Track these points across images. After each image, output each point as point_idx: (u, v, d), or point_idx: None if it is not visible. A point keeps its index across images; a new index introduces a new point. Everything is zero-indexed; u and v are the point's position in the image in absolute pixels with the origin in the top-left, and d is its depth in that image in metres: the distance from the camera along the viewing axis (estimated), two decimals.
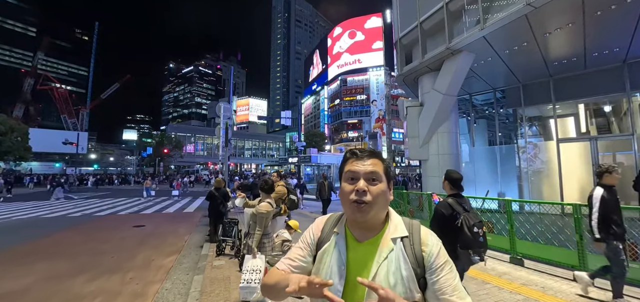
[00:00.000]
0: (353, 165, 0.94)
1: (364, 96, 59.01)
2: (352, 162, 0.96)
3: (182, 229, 9.12)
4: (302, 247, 1.03)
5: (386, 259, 0.88)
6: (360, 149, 0.99)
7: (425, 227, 0.96)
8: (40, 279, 4.87)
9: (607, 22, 6.08)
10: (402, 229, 0.93)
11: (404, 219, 0.98)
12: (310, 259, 1.01)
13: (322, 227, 1.04)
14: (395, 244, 0.90)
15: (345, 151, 1.02)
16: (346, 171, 0.95)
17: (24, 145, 32.83)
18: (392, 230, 0.93)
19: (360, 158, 0.95)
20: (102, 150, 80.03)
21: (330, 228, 1.02)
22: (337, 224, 1.01)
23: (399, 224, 0.95)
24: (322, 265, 0.95)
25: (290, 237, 3.88)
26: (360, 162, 0.94)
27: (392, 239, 0.91)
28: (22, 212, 13.03)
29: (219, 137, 10.48)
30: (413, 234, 0.93)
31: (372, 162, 0.94)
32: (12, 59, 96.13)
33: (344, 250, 0.93)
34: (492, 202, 6.47)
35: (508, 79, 9.60)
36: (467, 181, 10.92)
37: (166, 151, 46.57)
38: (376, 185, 0.91)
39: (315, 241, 1.02)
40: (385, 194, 0.92)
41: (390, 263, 0.87)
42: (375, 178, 0.91)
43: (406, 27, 9.49)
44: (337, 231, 0.98)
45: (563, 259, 4.42)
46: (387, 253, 0.89)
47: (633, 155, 7.74)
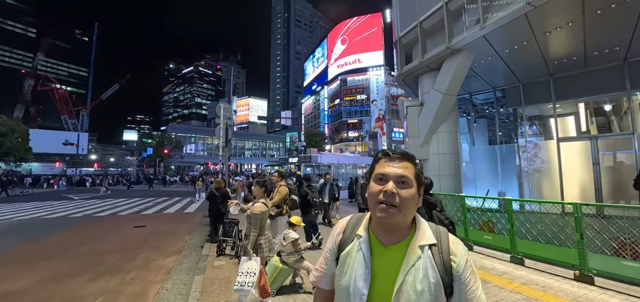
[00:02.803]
0: (384, 166, 0.92)
1: (364, 96, 59.01)
2: (383, 163, 0.94)
3: (183, 229, 9.12)
4: (325, 255, 1.05)
5: (413, 267, 0.86)
6: (392, 150, 0.97)
7: (452, 236, 0.95)
8: (40, 280, 4.87)
9: (607, 21, 6.07)
10: (430, 237, 0.91)
11: (430, 225, 0.96)
12: (333, 263, 1.01)
13: (343, 228, 1.03)
14: (423, 251, 0.88)
15: (378, 150, 1.02)
16: (377, 171, 0.93)
17: (25, 146, 32.83)
18: (420, 237, 0.91)
19: (392, 159, 0.93)
20: (103, 150, 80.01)
21: (352, 229, 1.00)
22: (359, 225, 0.99)
23: (427, 230, 0.93)
24: (346, 268, 0.94)
25: (297, 235, 3.88)
26: (392, 163, 0.92)
27: (420, 246, 0.89)
28: (23, 212, 13.05)
29: (219, 137, 10.47)
30: (441, 243, 0.91)
31: (404, 166, 0.91)
32: (12, 60, 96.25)
33: (368, 254, 0.91)
34: (492, 202, 6.47)
35: (508, 78, 9.60)
36: (468, 181, 10.98)
37: (166, 151, 46.60)
38: (405, 189, 0.88)
39: (337, 243, 1.02)
40: (414, 199, 0.89)
41: (418, 271, 0.86)
42: (405, 182, 0.89)
43: (406, 27, 9.48)
44: (361, 233, 0.96)
45: (563, 258, 4.42)
46: (415, 260, 0.87)
47: (633, 154, 7.73)
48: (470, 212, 6.18)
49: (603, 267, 3.98)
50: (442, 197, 6.85)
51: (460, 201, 6.18)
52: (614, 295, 3.57)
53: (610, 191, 8.08)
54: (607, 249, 4.10)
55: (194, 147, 57.62)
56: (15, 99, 76.30)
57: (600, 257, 4.08)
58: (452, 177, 8.73)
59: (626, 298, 3.48)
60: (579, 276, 4.06)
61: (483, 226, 5.92)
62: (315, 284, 1.07)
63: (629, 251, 3.85)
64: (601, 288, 3.77)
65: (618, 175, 8.11)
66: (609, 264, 3.96)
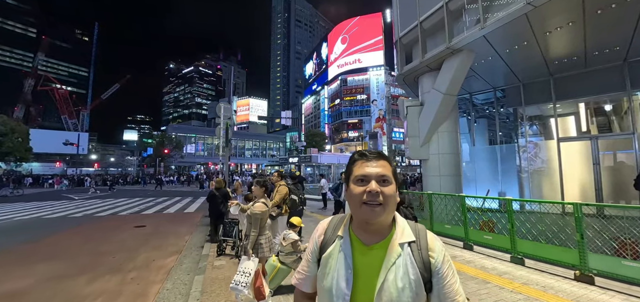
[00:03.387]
0: (363, 167, 0.93)
1: (364, 96, 59.00)
2: (361, 163, 0.94)
3: (183, 229, 9.12)
4: (306, 258, 1.05)
5: (394, 264, 0.88)
6: (368, 150, 0.99)
7: (430, 232, 0.97)
8: (41, 280, 4.88)
9: (607, 21, 6.07)
10: (409, 234, 0.93)
11: (409, 222, 0.98)
12: (314, 266, 1.01)
13: (325, 230, 1.03)
14: (403, 249, 0.90)
15: (353, 153, 1.02)
16: (356, 173, 0.93)
17: (25, 146, 32.88)
18: (399, 235, 0.93)
19: (369, 160, 0.94)
20: (103, 150, 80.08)
21: (333, 231, 1.01)
22: (340, 226, 1.00)
23: (406, 228, 0.95)
24: (328, 269, 0.94)
25: (297, 236, 3.88)
26: (370, 164, 0.93)
27: (399, 244, 0.91)
28: (24, 212, 13.06)
29: (219, 137, 10.47)
30: (420, 239, 0.93)
31: (382, 164, 0.93)
32: (12, 60, 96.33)
33: (350, 254, 0.92)
34: (492, 202, 6.47)
35: (508, 78, 9.60)
36: (468, 180, 10.98)
37: (166, 151, 46.62)
38: (387, 186, 0.90)
39: (318, 245, 1.02)
40: (394, 196, 0.91)
41: (399, 268, 0.88)
42: (386, 180, 0.90)
43: (406, 27, 9.48)
44: (341, 234, 0.97)
45: (564, 258, 4.42)
46: (395, 258, 0.89)
47: (634, 154, 7.72)
48: (470, 212, 6.18)
49: (603, 267, 3.98)
50: (442, 197, 6.88)
51: (461, 201, 6.18)
52: (615, 295, 3.57)
53: (610, 190, 8.07)
54: (608, 249, 4.10)
55: (194, 147, 57.61)
56: (15, 99, 76.37)
57: (601, 257, 4.07)
58: (453, 177, 8.72)
59: (626, 298, 3.48)
60: (579, 276, 4.05)
61: (483, 226, 5.92)
62: (298, 287, 1.06)
63: (629, 251, 3.85)
64: (601, 288, 3.76)
65: (618, 175, 8.11)
66: (609, 264, 3.96)
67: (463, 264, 4.90)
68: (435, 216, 6.82)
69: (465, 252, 5.55)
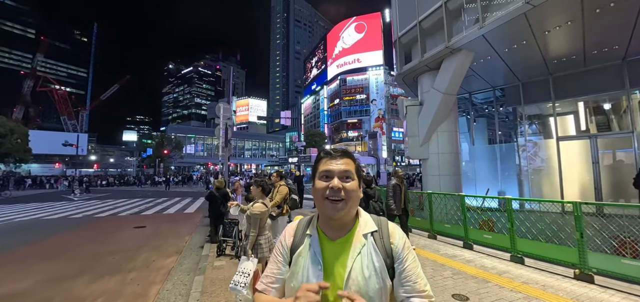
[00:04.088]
0: (327, 164, 0.98)
1: (364, 96, 58.95)
2: (326, 161, 1.00)
3: (183, 229, 9.12)
4: (276, 261, 1.03)
5: (360, 254, 0.93)
6: (333, 148, 1.05)
7: (392, 223, 1.03)
8: (41, 281, 4.87)
9: (606, 20, 6.07)
10: (372, 225, 1.00)
11: (372, 215, 1.04)
12: (285, 268, 1.01)
13: (293, 232, 1.06)
14: (366, 239, 0.96)
15: (320, 150, 1.09)
16: (321, 169, 0.99)
17: (24, 147, 32.81)
18: (362, 226, 0.99)
19: (333, 157, 1.00)
20: (102, 151, 79.96)
21: (302, 232, 1.04)
22: (308, 226, 1.03)
23: (368, 220, 1.01)
24: (298, 267, 0.96)
25: None
26: (334, 161, 0.98)
27: (363, 235, 0.96)
28: (24, 213, 13.04)
29: (219, 137, 10.46)
30: (382, 229, 1.00)
31: (345, 162, 0.98)
32: (11, 60, 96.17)
33: (318, 250, 0.96)
34: (492, 201, 6.47)
35: (507, 77, 9.60)
36: (468, 180, 10.99)
37: (166, 151, 46.57)
38: (349, 182, 0.95)
39: (288, 247, 1.03)
40: (357, 191, 0.97)
41: (364, 257, 0.93)
42: (349, 176, 0.96)
43: (405, 26, 9.48)
44: (310, 232, 1.01)
45: (563, 257, 4.42)
46: (360, 248, 0.94)
47: (633, 153, 7.73)
48: (470, 211, 6.19)
49: (603, 265, 3.99)
50: (442, 197, 6.88)
51: (460, 200, 6.19)
52: (614, 293, 3.57)
53: (609, 189, 8.09)
54: (607, 248, 4.10)
55: (194, 148, 57.57)
56: (14, 100, 76.24)
57: (600, 256, 4.08)
58: (452, 177, 8.73)
59: (626, 296, 3.48)
60: (579, 274, 4.06)
61: (483, 225, 5.92)
62: (264, 292, 1.00)
63: (628, 250, 3.85)
64: (601, 287, 3.77)
65: (617, 174, 8.12)
66: (608, 262, 3.97)
67: (463, 263, 4.90)
68: (435, 215, 6.83)
69: (465, 252, 5.56)
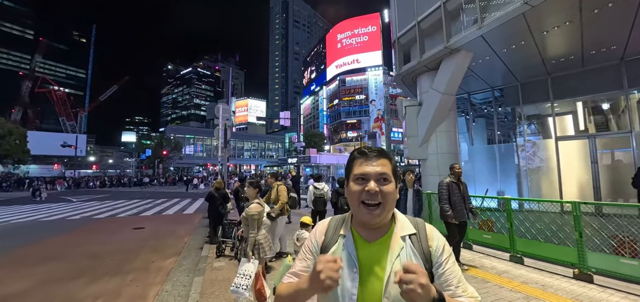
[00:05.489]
0: (363, 166, 0.92)
1: (363, 96, 59.00)
2: (360, 162, 0.94)
3: (182, 230, 9.10)
4: (305, 258, 1.00)
5: (398, 257, 0.88)
6: (368, 148, 0.98)
7: (429, 224, 0.99)
8: (39, 282, 4.85)
9: (604, 20, 6.09)
10: (410, 227, 0.95)
11: (408, 217, 0.99)
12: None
13: (325, 231, 1.02)
14: (404, 241, 0.91)
15: (353, 150, 1.01)
16: (355, 172, 0.93)
17: (23, 148, 32.74)
18: (400, 228, 0.94)
19: (369, 158, 0.93)
20: (101, 152, 79.76)
21: (334, 231, 1.00)
22: (341, 226, 0.99)
23: (406, 222, 0.97)
24: None
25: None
26: (370, 162, 0.92)
27: (401, 237, 0.92)
28: (22, 215, 12.99)
29: (218, 138, 10.45)
30: (420, 231, 0.95)
31: (382, 163, 0.92)
32: (9, 62, 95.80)
33: (353, 251, 0.91)
34: (491, 201, 6.48)
35: (506, 77, 9.62)
36: (467, 180, 10.92)
37: (165, 152, 46.51)
38: (386, 185, 0.90)
39: (319, 246, 0.99)
40: (394, 194, 0.92)
41: (403, 260, 0.88)
42: (386, 178, 0.90)
43: (404, 27, 9.49)
44: (344, 233, 0.96)
45: (562, 257, 4.43)
46: (399, 251, 0.89)
47: (631, 152, 7.76)
48: None
49: (602, 265, 4.00)
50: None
51: None
52: (613, 293, 3.58)
53: (608, 189, 8.10)
54: (606, 248, 4.11)
55: (193, 149, 57.49)
56: (13, 101, 76.03)
57: (599, 256, 4.09)
58: None
59: (625, 296, 3.49)
60: (578, 274, 4.07)
61: (482, 225, 5.93)
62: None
63: (627, 249, 3.86)
64: (600, 286, 3.78)
65: (616, 173, 8.14)
66: (607, 262, 3.98)
67: (463, 263, 4.90)
68: (434, 216, 6.83)
69: (464, 252, 5.56)
